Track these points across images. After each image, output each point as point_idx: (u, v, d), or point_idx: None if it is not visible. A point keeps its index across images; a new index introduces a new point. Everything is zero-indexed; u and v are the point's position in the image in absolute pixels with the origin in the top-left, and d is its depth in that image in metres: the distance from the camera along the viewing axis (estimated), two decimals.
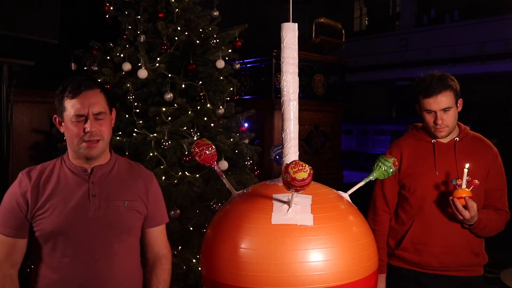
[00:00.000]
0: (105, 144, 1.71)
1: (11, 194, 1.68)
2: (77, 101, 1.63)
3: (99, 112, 1.66)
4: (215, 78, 3.08)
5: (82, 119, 1.64)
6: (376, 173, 1.43)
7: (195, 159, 1.45)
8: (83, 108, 1.63)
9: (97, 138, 1.65)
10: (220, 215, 1.34)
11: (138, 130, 2.89)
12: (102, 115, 1.67)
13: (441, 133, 2.14)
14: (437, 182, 2.13)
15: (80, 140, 1.64)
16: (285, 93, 1.36)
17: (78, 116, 1.63)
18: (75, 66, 3.17)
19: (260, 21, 7.17)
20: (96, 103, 1.65)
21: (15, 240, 1.66)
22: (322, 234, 1.19)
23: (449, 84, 2.09)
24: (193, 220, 2.85)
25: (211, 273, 1.25)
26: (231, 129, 3.18)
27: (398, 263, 2.25)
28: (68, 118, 1.65)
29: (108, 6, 3.10)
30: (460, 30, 12.19)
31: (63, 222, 1.63)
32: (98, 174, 1.72)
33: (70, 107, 1.64)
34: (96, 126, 1.64)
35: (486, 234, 2.15)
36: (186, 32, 3.06)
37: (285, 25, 1.35)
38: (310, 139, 5.51)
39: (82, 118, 1.64)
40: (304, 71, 5.30)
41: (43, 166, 1.74)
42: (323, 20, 5.70)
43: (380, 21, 15.76)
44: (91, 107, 1.64)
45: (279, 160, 1.42)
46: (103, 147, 1.69)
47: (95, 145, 1.66)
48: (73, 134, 1.65)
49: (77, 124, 1.64)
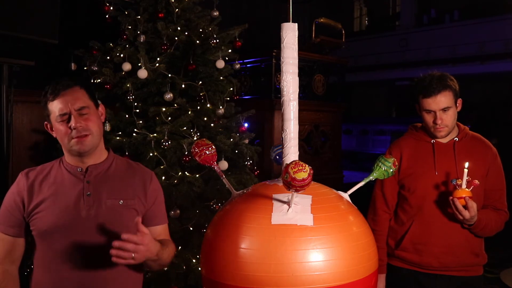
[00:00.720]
0: (96, 139, 1.71)
1: (10, 194, 1.72)
2: (58, 102, 1.66)
3: (80, 107, 1.67)
4: (215, 78, 3.08)
5: (65, 118, 1.66)
6: (376, 173, 1.43)
7: (195, 159, 1.45)
8: (64, 106, 1.66)
9: (84, 133, 1.66)
10: (220, 215, 1.34)
11: (138, 130, 2.89)
12: (85, 110, 1.68)
13: (441, 133, 2.14)
14: (436, 182, 2.13)
15: (69, 138, 1.66)
16: (285, 93, 1.36)
17: (61, 115, 1.66)
18: (75, 66, 3.17)
19: (260, 21, 7.17)
20: (77, 99, 1.67)
21: (15, 239, 1.70)
22: (322, 234, 1.19)
23: (449, 84, 2.10)
24: (193, 220, 2.85)
25: (211, 273, 1.25)
26: (231, 129, 3.18)
27: (398, 263, 2.25)
28: (54, 120, 1.68)
29: (108, 6, 3.10)
30: (460, 30, 12.19)
31: (57, 221, 1.65)
32: (94, 173, 1.73)
33: (53, 108, 1.67)
34: (80, 121, 1.66)
35: (486, 234, 2.16)
36: (186, 32, 3.06)
37: (285, 25, 1.35)
38: (310, 139, 5.51)
39: (65, 117, 1.66)
40: (304, 71, 5.30)
41: (42, 167, 1.76)
42: (323, 20, 5.70)
43: (380, 21, 15.76)
44: (72, 104, 1.66)
45: (279, 160, 1.42)
46: (93, 142, 1.70)
47: (84, 139, 1.67)
48: (62, 134, 1.67)
49: (63, 123, 1.66)
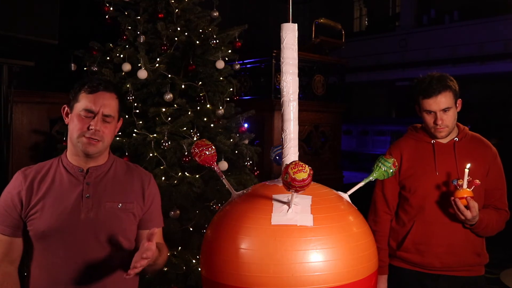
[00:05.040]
0: (104, 147, 1.71)
1: (7, 193, 1.69)
2: (92, 97, 1.66)
3: (109, 114, 1.67)
4: (215, 79, 3.08)
5: (90, 116, 1.65)
6: (376, 173, 1.43)
7: (195, 159, 1.45)
8: (95, 105, 1.65)
9: (98, 138, 1.66)
10: (220, 216, 1.34)
11: (138, 130, 2.88)
12: (110, 119, 1.69)
13: (441, 133, 2.14)
14: (437, 183, 2.13)
15: (81, 134, 1.65)
16: (285, 94, 1.35)
17: (87, 111, 1.65)
18: (75, 67, 3.17)
19: (260, 22, 7.18)
20: (109, 105, 1.68)
21: (12, 239, 1.67)
22: (322, 235, 1.19)
23: (448, 85, 2.10)
24: (193, 220, 2.85)
25: (211, 274, 1.25)
26: (231, 130, 3.18)
27: (400, 264, 2.25)
28: (77, 110, 1.66)
29: (108, 6, 3.10)
30: (460, 30, 12.21)
31: (55, 222, 1.63)
32: (94, 175, 1.72)
33: (83, 100, 1.66)
34: (101, 126, 1.66)
35: (487, 234, 2.16)
36: (186, 33, 3.06)
37: (285, 25, 1.35)
38: (310, 139, 5.52)
39: (91, 115, 1.65)
40: (304, 71, 5.30)
41: (39, 166, 1.74)
42: (323, 21, 5.71)
43: (380, 22, 15.78)
44: (103, 107, 1.66)
45: (279, 160, 1.42)
46: (101, 149, 1.69)
47: (95, 143, 1.66)
48: (77, 127, 1.65)
49: (84, 119, 1.65)
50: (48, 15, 3.19)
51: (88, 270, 1.65)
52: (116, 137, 2.84)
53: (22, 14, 3.03)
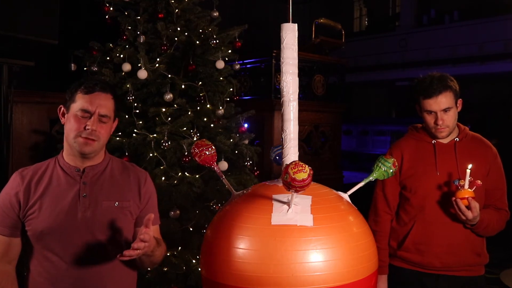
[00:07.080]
0: (100, 146, 1.73)
1: (5, 194, 1.71)
2: (88, 98, 1.67)
3: (105, 114, 1.69)
4: (215, 79, 3.08)
5: (87, 116, 1.66)
6: (376, 173, 1.43)
7: (195, 159, 1.45)
8: (91, 105, 1.66)
9: (94, 138, 1.67)
10: (220, 216, 1.34)
11: (138, 130, 2.88)
12: (106, 119, 1.70)
13: (442, 133, 2.14)
14: (438, 183, 2.13)
15: (78, 134, 1.66)
16: (285, 94, 1.35)
17: (84, 111, 1.66)
18: (75, 67, 3.17)
19: (260, 21, 7.18)
20: (105, 105, 1.69)
21: (10, 239, 1.69)
22: (322, 235, 1.18)
23: (449, 85, 2.10)
24: (193, 220, 2.85)
25: (211, 274, 1.25)
26: (231, 130, 3.18)
27: (400, 264, 2.25)
28: (74, 111, 1.67)
29: (108, 6, 3.10)
30: (460, 30, 12.21)
31: (53, 222, 1.64)
32: (90, 174, 1.73)
33: (80, 100, 1.67)
34: (97, 126, 1.67)
35: (487, 234, 2.16)
36: (186, 33, 3.06)
37: (285, 25, 1.35)
38: (310, 139, 5.52)
39: (87, 115, 1.66)
40: (304, 71, 5.30)
41: (36, 166, 1.75)
42: (323, 21, 5.71)
43: (380, 22, 15.77)
44: (99, 108, 1.67)
45: (279, 160, 1.42)
46: (97, 149, 1.71)
47: (91, 143, 1.67)
48: (73, 127, 1.67)
49: (81, 119, 1.66)
50: (48, 15, 3.19)
51: (86, 269, 1.66)
52: (116, 137, 2.84)
53: (22, 14, 3.04)
